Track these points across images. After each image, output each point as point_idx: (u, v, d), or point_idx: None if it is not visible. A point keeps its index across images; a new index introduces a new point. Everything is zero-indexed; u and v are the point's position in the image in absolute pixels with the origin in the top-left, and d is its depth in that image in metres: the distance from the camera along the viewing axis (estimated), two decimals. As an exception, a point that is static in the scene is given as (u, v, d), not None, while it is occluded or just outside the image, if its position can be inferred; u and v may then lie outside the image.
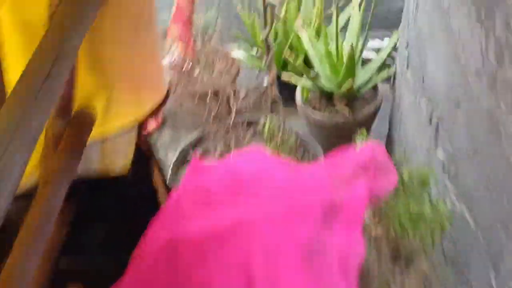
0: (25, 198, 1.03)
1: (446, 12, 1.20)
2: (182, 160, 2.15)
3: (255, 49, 2.67)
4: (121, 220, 1.21)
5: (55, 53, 0.65)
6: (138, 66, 1.11)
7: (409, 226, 1.09)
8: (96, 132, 1.05)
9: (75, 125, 1.03)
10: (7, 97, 0.62)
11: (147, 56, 1.10)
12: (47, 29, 0.68)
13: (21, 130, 0.58)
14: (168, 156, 2.81)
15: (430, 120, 1.46)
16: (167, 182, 2.05)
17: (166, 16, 2.78)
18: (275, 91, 1.65)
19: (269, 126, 1.54)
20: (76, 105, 1.04)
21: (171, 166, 2.08)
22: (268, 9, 1.34)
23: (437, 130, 1.39)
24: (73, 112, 1.02)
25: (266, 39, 1.44)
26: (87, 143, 0.99)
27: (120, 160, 1.22)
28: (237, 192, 1.05)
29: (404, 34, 1.83)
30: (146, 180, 1.39)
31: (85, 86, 1.06)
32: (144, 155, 1.34)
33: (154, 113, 1.20)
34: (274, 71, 1.57)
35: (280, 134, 1.54)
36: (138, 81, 1.14)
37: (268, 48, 1.50)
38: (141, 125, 1.23)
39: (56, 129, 1.01)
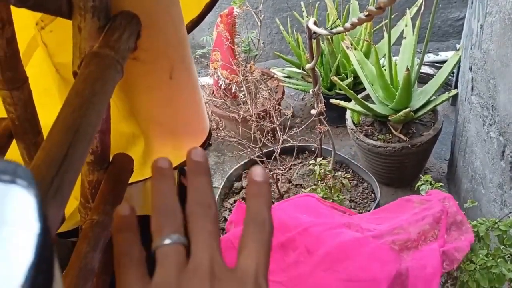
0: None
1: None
2: (229, 188, 2.06)
3: (297, 68, 2.56)
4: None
5: (75, 127, 0.56)
6: (175, 112, 1.04)
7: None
8: (136, 175, 1.02)
9: (113, 172, 0.99)
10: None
11: (185, 100, 1.02)
12: (66, 98, 0.60)
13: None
14: (213, 179, 2.74)
15: (503, 154, 1.29)
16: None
17: (206, 37, 2.73)
18: (324, 126, 1.53)
19: (319, 170, 1.42)
20: (113, 152, 1.00)
21: (217, 197, 1.99)
22: (314, 41, 1.22)
23: (511, 167, 1.23)
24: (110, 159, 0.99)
25: (312, 70, 1.32)
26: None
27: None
28: (285, 246, 0.94)
29: (467, 55, 1.65)
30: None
31: (121, 134, 1.03)
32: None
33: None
34: (322, 103, 1.45)
35: (331, 175, 1.42)
36: (176, 126, 1.07)
37: (315, 79, 1.38)
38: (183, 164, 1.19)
39: (92, 178, 0.98)
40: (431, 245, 0.83)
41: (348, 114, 2.13)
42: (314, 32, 1.15)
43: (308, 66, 1.30)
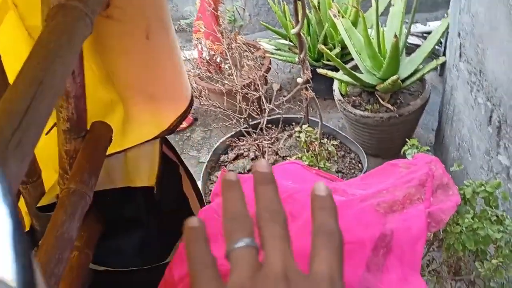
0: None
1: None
2: (216, 161, 2.03)
3: (285, 39, 2.52)
4: (156, 226, 1.15)
5: (38, 81, 0.53)
6: (154, 75, 1.00)
7: (474, 250, 0.93)
8: (115, 145, 0.98)
9: (91, 141, 0.95)
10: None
11: (163, 63, 0.98)
12: (29, 52, 0.56)
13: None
14: (200, 154, 2.71)
15: (490, 119, 1.28)
16: (201, 184, 1.95)
17: (190, 8, 2.66)
18: (310, 92, 1.50)
19: (305, 138, 1.39)
20: (91, 120, 0.96)
21: (203, 170, 1.96)
22: (299, 2, 1.18)
23: (499, 132, 1.21)
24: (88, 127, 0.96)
25: (298, 36, 1.29)
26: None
27: (145, 170, 1.15)
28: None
29: (455, 21, 1.63)
30: (176, 188, 1.31)
31: (98, 101, 0.99)
32: (171, 164, 1.26)
33: (178, 121, 1.11)
34: (308, 70, 1.41)
35: (318, 142, 1.39)
36: (155, 91, 1.04)
37: (301, 45, 1.34)
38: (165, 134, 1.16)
39: (70, 147, 0.94)
40: (417, 207, 0.82)
41: (335, 85, 2.10)
42: (299, -6, 1.11)
43: (293, 30, 1.26)
